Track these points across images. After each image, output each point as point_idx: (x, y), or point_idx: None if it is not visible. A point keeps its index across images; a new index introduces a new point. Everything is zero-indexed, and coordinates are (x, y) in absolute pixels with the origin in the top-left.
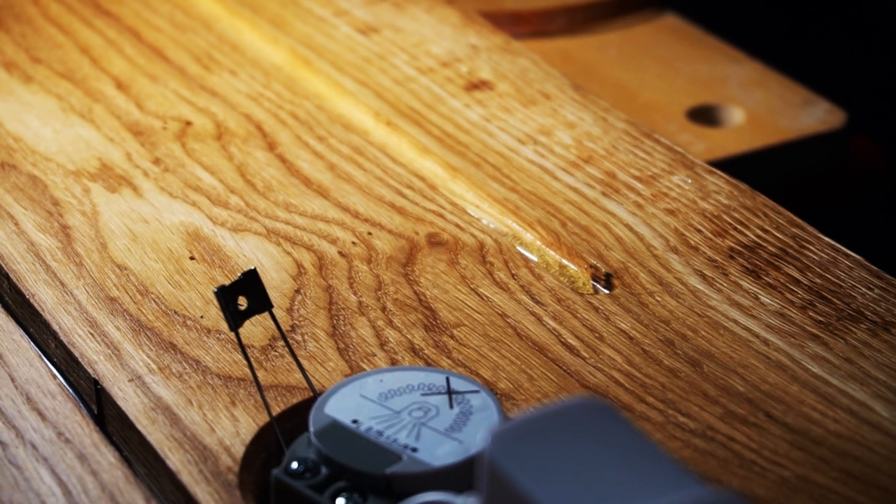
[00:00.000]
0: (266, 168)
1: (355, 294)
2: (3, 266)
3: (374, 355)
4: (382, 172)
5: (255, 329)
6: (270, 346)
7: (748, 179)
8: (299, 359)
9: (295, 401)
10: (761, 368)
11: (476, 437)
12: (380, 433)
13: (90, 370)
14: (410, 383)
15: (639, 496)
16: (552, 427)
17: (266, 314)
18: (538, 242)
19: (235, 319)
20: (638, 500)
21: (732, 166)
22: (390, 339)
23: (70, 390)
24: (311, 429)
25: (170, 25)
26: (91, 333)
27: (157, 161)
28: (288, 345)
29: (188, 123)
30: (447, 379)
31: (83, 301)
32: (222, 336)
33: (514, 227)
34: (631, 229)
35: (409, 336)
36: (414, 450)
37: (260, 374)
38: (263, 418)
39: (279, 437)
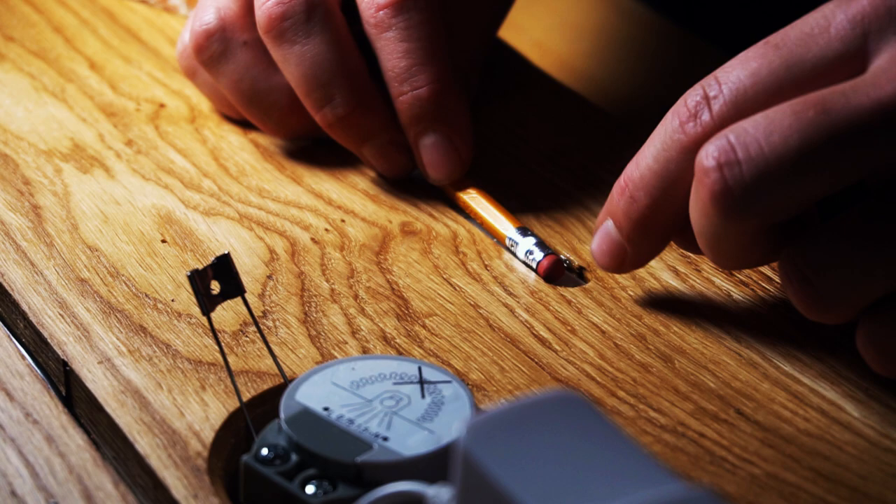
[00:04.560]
0: (239, 152)
1: (327, 281)
2: None
3: (346, 343)
4: (356, 159)
5: (227, 314)
6: (241, 331)
7: None
8: (270, 345)
9: (265, 387)
10: (733, 365)
11: (447, 427)
12: (351, 421)
13: (59, 351)
14: (382, 372)
15: (614, 491)
16: (528, 420)
17: (238, 299)
18: None
19: (207, 304)
20: (614, 495)
21: None
22: (362, 326)
23: (39, 371)
24: (282, 415)
25: (144, 7)
26: (61, 314)
27: (129, 143)
28: (259, 330)
29: (162, 105)
30: (419, 368)
31: (53, 282)
32: (193, 320)
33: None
34: None
35: (380, 324)
36: (385, 439)
37: (231, 360)
38: (233, 404)
39: (249, 423)
